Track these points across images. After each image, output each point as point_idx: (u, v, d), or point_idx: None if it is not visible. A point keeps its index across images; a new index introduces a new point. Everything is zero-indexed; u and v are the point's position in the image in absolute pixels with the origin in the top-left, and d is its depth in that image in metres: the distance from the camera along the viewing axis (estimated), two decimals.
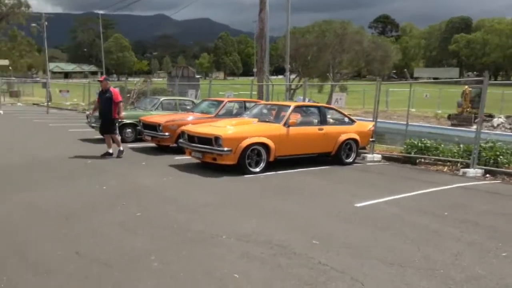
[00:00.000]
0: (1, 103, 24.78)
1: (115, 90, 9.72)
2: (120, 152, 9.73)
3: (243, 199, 6.53)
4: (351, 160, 9.87)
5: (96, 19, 70.67)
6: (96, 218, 5.41)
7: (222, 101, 11.34)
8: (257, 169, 8.38)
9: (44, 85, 31.13)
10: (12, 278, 3.71)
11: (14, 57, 45.46)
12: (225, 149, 7.99)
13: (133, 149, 11.13)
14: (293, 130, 8.80)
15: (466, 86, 27.59)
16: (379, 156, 10.89)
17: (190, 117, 10.80)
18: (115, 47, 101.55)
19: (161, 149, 10.99)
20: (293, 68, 38.34)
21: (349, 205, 6.32)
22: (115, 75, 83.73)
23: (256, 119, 9.06)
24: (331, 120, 9.83)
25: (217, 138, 8.07)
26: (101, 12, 65.41)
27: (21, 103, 33.20)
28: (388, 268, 4.02)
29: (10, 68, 45.34)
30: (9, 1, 43.47)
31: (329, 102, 35.48)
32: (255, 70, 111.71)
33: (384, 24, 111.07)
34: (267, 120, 9.17)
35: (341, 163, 9.66)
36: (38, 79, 52.46)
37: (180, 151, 10.40)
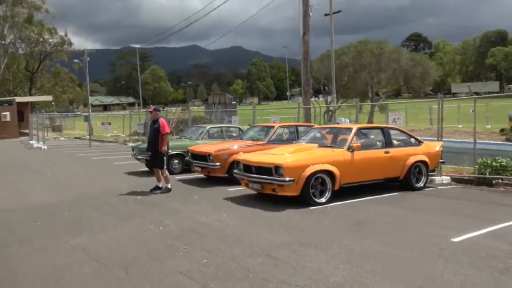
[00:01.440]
0: (44, 138, 25.16)
1: (163, 121, 9.22)
2: (167, 189, 9.12)
3: (318, 237, 5.71)
4: (422, 185, 8.89)
5: (134, 52, 73.05)
6: (158, 267, 4.73)
7: (272, 127, 10.68)
8: (323, 200, 7.56)
9: (86, 118, 31.72)
10: None
11: (57, 92, 47.14)
12: (287, 179, 7.24)
13: (182, 181, 10.56)
14: (358, 154, 7.97)
15: None
16: (448, 178, 9.83)
17: (240, 145, 10.17)
18: (151, 78, 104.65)
19: (212, 180, 10.36)
20: (330, 90, 37.63)
21: (445, 241, 5.38)
22: (151, 105, 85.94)
23: (316, 145, 8.29)
24: (396, 142, 8.93)
25: (277, 167, 7.34)
26: (137, 46, 67.72)
27: (63, 137, 33.89)
28: None
29: (53, 103, 47.00)
30: (52, 40, 45.47)
31: (369, 121, 34.45)
32: (288, 93, 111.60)
33: (417, 42, 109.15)
34: (328, 145, 8.39)
35: (411, 188, 8.70)
36: (79, 112, 54.12)
37: (232, 181, 9.76)
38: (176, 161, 11.56)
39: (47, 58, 46.88)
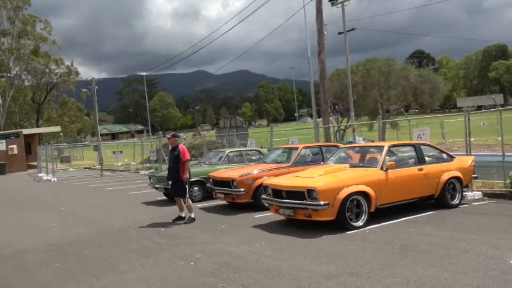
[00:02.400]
0: (54, 170, 24.87)
1: (183, 147, 8.89)
2: (190, 219, 8.70)
3: (365, 265, 5.28)
4: (457, 202, 8.46)
5: (141, 79, 73.61)
6: None
7: (296, 148, 10.33)
8: (360, 223, 7.15)
9: (95, 148, 31.57)
10: None
11: (65, 123, 47.18)
12: (322, 202, 6.85)
13: (204, 209, 10.17)
14: (392, 173, 7.59)
15: None
16: (479, 193, 9.38)
17: (264, 168, 9.81)
18: (159, 104, 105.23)
19: (235, 207, 9.96)
20: (340, 109, 37.41)
21: (503, 263, 4.98)
22: (160, 132, 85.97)
23: (347, 165, 7.93)
24: (428, 158, 8.55)
25: (311, 191, 6.97)
26: (144, 73, 68.14)
27: (72, 168, 33.68)
28: None
29: (61, 134, 47.02)
30: (59, 70, 45.79)
31: (380, 139, 34.03)
32: (296, 114, 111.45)
33: (420, 58, 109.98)
34: (359, 164, 8.02)
35: (447, 206, 8.28)
36: (87, 142, 54.10)
37: (257, 207, 9.38)
38: (196, 188, 11.19)
39: (53, 88, 47.08)
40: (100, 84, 39.80)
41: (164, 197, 12.39)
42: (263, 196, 8.07)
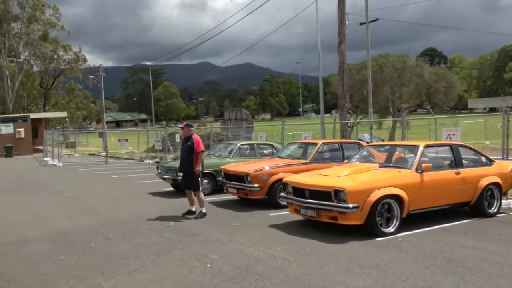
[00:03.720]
0: (59, 154, 24.34)
1: (197, 138, 8.19)
2: (201, 214, 8.07)
3: (408, 280, 4.59)
4: (495, 210, 7.72)
5: (146, 69, 72.88)
6: None
7: (315, 144, 9.61)
8: (391, 229, 6.46)
9: (101, 134, 30.96)
10: None
11: (71, 109, 46.68)
12: (351, 205, 6.15)
13: (214, 203, 9.51)
14: (427, 176, 6.87)
15: None
16: None
17: (280, 164, 9.10)
18: (164, 94, 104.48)
19: (247, 203, 9.28)
20: (349, 106, 36.52)
21: None
22: (164, 122, 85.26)
23: (376, 165, 7.21)
24: (465, 161, 7.81)
25: (338, 192, 6.27)
26: (149, 63, 67.39)
27: (77, 154, 33.14)
28: None
29: (67, 120, 46.53)
30: (67, 57, 45.17)
31: (391, 138, 33.21)
32: (300, 109, 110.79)
33: (432, 57, 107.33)
34: (391, 165, 7.30)
35: (484, 214, 7.55)
36: (91, 129, 53.59)
37: (272, 205, 8.72)
38: (206, 181, 10.51)
39: (61, 74, 46.59)
40: (106, 72, 39.14)
41: (171, 188, 11.77)
42: (282, 194, 7.38)
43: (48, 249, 6.31)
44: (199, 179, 8.13)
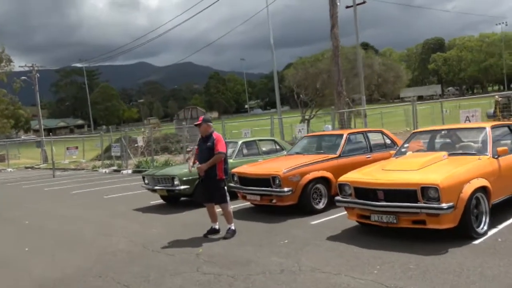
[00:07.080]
0: None
1: (219, 136, 6.58)
2: (231, 232, 6.50)
3: None
4: None
5: (79, 71, 67.68)
6: None
7: (340, 135, 8.41)
8: (484, 227, 5.46)
9: (38, 144, 27.51)
10: None
11: None
12: (445, 205, 5.01)
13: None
14: (504, 161, 5.97)
15: (496, 96, 26.59)
16: None
17: (307, 161, 7.77)
18: (101, 97, 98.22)
19: (265, 211, 7.85)
20: (303, 98, 36.13)
21: None
22: (104, 126, 79.51)
23: (445, 153, 6.16)
24: None
25: (427, 189, 5.10)
26: (80, 65, 62.59)
27: (11, 168, 29.33)
28: None
29: None
30: None
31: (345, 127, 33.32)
32: (246, 106, 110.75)
33: (365, 50, 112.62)
34: (461, 152, 6.29)
35: None
36: (23, 137, 48.42)
37: (301, 211, 7.39)
38: None
39: None
40: (32, 76, 35.26)
41: (159, 201, 10.01)
42: (338, 197, 6.07)
43: None
44: (225, 187, 6.57)
